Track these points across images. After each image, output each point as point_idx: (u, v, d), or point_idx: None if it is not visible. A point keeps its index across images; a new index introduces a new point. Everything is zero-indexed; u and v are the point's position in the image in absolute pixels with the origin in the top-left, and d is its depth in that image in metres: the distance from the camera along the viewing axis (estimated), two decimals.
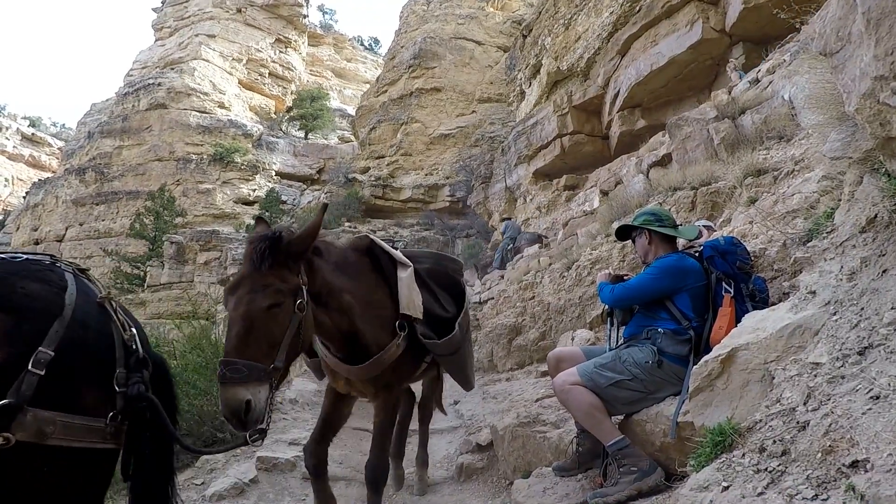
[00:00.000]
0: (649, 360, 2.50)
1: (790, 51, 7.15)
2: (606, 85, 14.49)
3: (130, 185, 31.25)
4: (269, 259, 2.00)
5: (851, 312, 1.77)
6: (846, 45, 1.76)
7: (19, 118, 57.21)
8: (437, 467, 4.19)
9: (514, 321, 8.07)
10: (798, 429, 1.56)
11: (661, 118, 12.40)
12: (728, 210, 4.93)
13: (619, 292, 2.76)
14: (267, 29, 37.34)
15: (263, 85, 36.88)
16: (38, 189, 35.72)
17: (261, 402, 1.85)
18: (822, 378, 1.64)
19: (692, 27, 11.69)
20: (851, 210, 2.21)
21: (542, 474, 2.92)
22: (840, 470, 1.34)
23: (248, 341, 1.88)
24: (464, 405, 5.84)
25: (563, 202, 15.03)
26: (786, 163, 4.57)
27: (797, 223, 3.01)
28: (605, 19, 14.19)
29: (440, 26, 27.36)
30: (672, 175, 7.00)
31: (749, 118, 6.55)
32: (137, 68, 37.72)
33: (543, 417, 3.49)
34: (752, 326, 2.12)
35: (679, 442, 2.20)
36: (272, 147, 33.47)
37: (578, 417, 2.61)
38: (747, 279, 2.62)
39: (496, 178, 19.61)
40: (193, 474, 3.87)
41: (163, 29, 38.40)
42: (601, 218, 8.68)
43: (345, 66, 47.00)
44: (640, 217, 2.91)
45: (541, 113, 16.59)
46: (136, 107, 33.37)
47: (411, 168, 25.32)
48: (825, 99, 2.64)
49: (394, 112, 26.49)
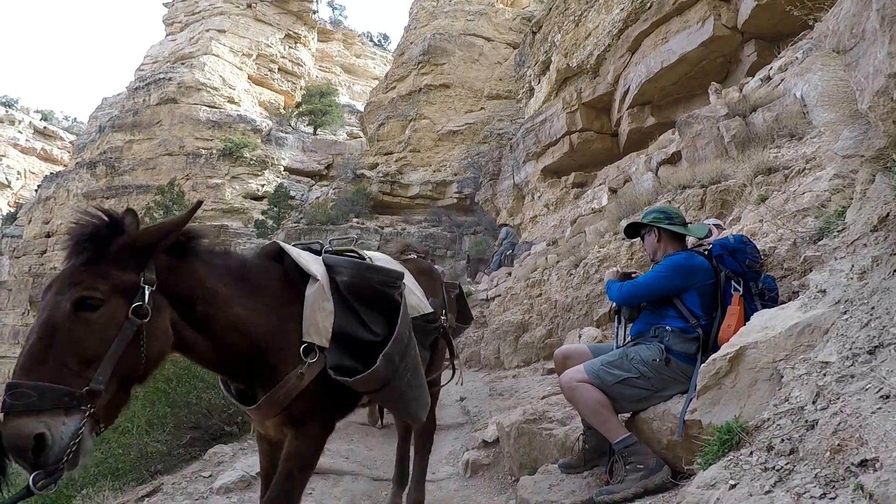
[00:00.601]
0: (657, 358, 2.50)
1: (803, 48, 7.07)
2: (616, 82, 14.41)
3: (140, 179, 31.47)
4: (88, 251, 1.55)
5: (862, 311, 1.76)
6: (860, 42, 1.74)
7: (32, 112, 57.76)
8: (443, 463, 4.21)
9: (521, 318, 8.08)
10: (806, 428, 1.55)
11: (671, 116, 12.31)
12: (738, 208, 4.91)
13: (626, 290, 2.75)
14: (277, 24, 37.42)
15: (273, 80, 36.99)
16: (50, 182, 36.05)
17: (61, 436, 1.37)
18: (831, 377, 1.63)
19: (703, 24, 11.59)
20: (863, 209, 2.19)
21: (548, 471, 2.93)
22: (849, 469, 1.34)
23: (44, 357, 1.41)
24: (470, 402, 5.86)
25: (572, 199, 14.98)
26: (797, 161, 4.54)
27: (808, 222, 3.00)
28: (615, 16, 14.10)
29: (449, 22, 27.30)
30: (681, 173, 6.97)
31: (760, 116, 6.49)
32: (148, 63, 37.95)
33: (550, 414, 3.49)
34: (761, 325, 2.11)
35: (686, 440, 2.19)
36: (281, 142, 33.58)
37: (585, 415, 2.61)
38: (757, 278, 2.61)
39: (504, 175, 19.58)
40: (201, 467, 3.91)
41: (173, 24, 38.58)
42: (609, 216, 8.64)
43: (354, 61, 47.03)
44: (649, 215, 2.90)
45: (550, 110, 16.52)
46: (146, 101, 33.58)
47: (419, 164, 25.32)
48: (838, 97, 2.61)
49: (402, 108, 26.48)
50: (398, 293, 2.16)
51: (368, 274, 2.15)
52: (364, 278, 2.12)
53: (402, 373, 2.04)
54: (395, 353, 1.98)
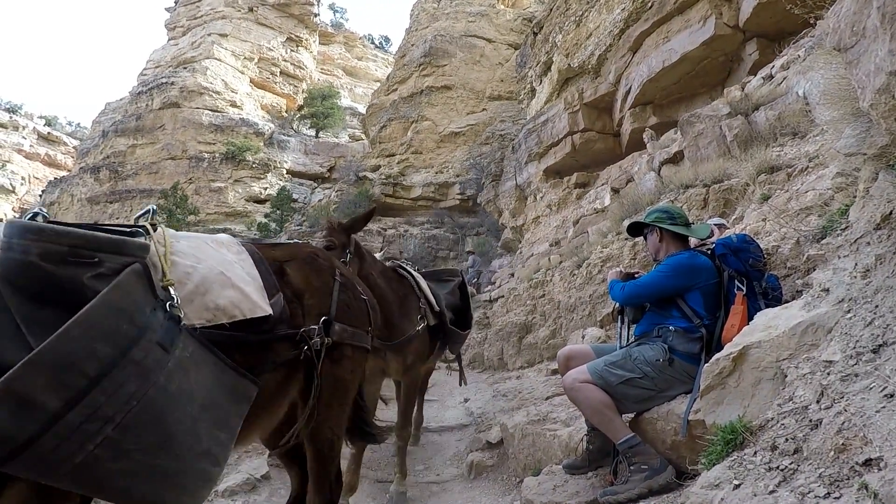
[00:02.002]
0: (660, 358, 2.49)
1: (804, 46, 7.06)
2: (618, 82, 14.39)
3: (144, 183, 31.60)
4: None
5: (866, 310, 1.76)
6: (861, 40, 1.74)
7: (36, 117, 58.00)
8: (448, 464, 4.21)
9: (524, 319, 8.07)
10: (811, 427, 1.55)
11: (673, 115, 12.29)
12: (741, 207, 4.89)
13: (629, 290, 2.75)
14: (278, 28, 37.53)
15: (275, 83, 37.09)
16: (54, 187, 36.23)
17: None
18: (835, 376, 1.63)
19: (705, 23, 11.57)
20: (866, 207, 2.19)
21: (552, 472, 2.92)
22: (853, 468, 1.33)
23: None
24: (473, 403, 5.86)
25: (574, 200, 14.97)
26: (800, 159, 4.53)
27: (811, 220, 2.99)
28: (616, 16, 14.09)
29: (451, 24, 27.33)
30: (684, 172, 6.95)
31: (763, 114, 6.48)
32: (151, 67, 38.10)
33: (554, 415, 3.49)
34: (765, 324, 2.10)
35: (690, 440, 2.19)
36: (283, 145, 33.67)
37: (588, 415, 2.61)
38: (760, 277, 2.60)
39: (506, 176, 19.57)
40: None
41: (176, 28, 38.72)
42: (612, 216, 8.64)
43: (355, 64, 47.12)
44: (652, 214, 2.90)
45: (551, 110, 16.52)
46: (149, 106, 33.73)
47: (421, 166, 25.33)
48: (840, 94, 2.61)
49: (404, 110, 26.51)
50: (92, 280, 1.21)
51: None
52: None
53: (68, 432, 1.08)
54: (34, 388, 1.05)
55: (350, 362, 2.05)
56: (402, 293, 3.69)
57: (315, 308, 1.93)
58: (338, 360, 1.98)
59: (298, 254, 2.08)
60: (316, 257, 2.14)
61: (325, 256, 2.23)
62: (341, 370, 2.01)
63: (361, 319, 2.17)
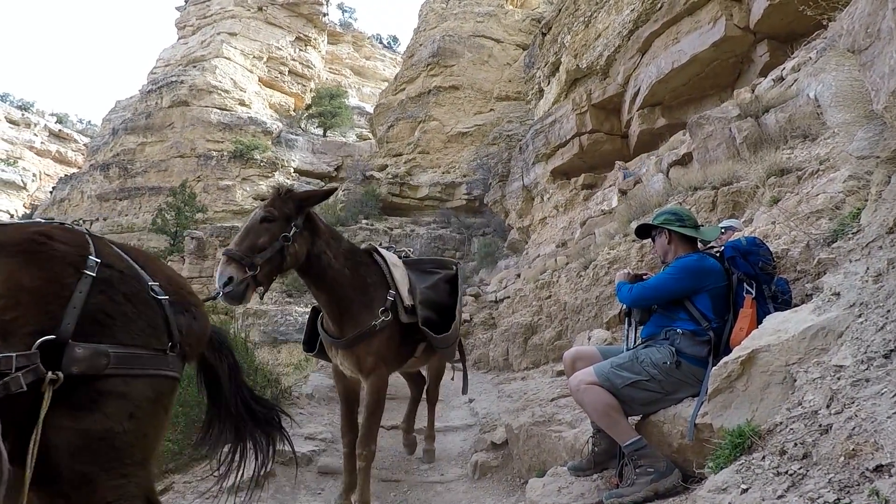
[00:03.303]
0: (667, 361, 2.47)
1: (816, 48, 7.00)
2: (626, 83, 14.35)
3: (153, 181, 31.82)
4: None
5: (877, 315, 1.74)
6: (875, 41, 1.72)
7: (47, 115, 58.55)
8: (452, 465, 4.20)
9: (530, 320, 8.06)
10: (820, 432, 1.53)
11: (681, 117, 12.24)
12: (750, 210, 4.86)
13: (637, 292, 2.73)
14: (287, 27, 37.69)
15: (283, 83, 37.25)
16: (65, 184, 36.54)
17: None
18: (845, 381, 1.61)
19: (715, 24, 11.52)
20: (878, 210, 2.16)
21: (557, 473, 2.91)
22: (863, 474, 1.32)
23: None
24: (479, 403, 5.85)
25: (581, 201, 14.94)
26: (810, 162, 4.49)
27: (821, 224, 2.96)
28: (625, 17, 14.05)
29: (459, 24, 27.33)
30: (692, 174, 6.92)
31: (773, 117, 6.43)
32: (161, 66, 38.36)
33: (559, 417, 3.48)
34: (774, 328, 2.09)
35: (697, 443, 2.17)
36: (291, 144, 33.79)
37: (594, 417, 2.59)
38: (769, 280, 2.57)
39: (513, 177, 19.55)
40: (212, 466, 3.93)
41: (185, 27, 38.97)
42: (619, 217, 8.61)
43: (363, 63, 47.21)
44: (660, 216, 2.87)
45: (559, 111, 16.49)
46: (158, 104, 33.96)
47: (428, 166, 25.36)
48: (852, 97, 2.58)
49: (412, 110, 26.54)
50: None
51: None
52: None
53: None
54: None
55: (121, 404, 1.33)
56: (368, 280, 3.20)
57: (22, 322, 1.25)
58: (90, 404, 1.28)
59: (9, 238, 1.36)
60: (45, 240, 1.40)
61: (66, 238, 1.45)
62: (101, 420, 1.29)
63: (143, 331, 1.46)
